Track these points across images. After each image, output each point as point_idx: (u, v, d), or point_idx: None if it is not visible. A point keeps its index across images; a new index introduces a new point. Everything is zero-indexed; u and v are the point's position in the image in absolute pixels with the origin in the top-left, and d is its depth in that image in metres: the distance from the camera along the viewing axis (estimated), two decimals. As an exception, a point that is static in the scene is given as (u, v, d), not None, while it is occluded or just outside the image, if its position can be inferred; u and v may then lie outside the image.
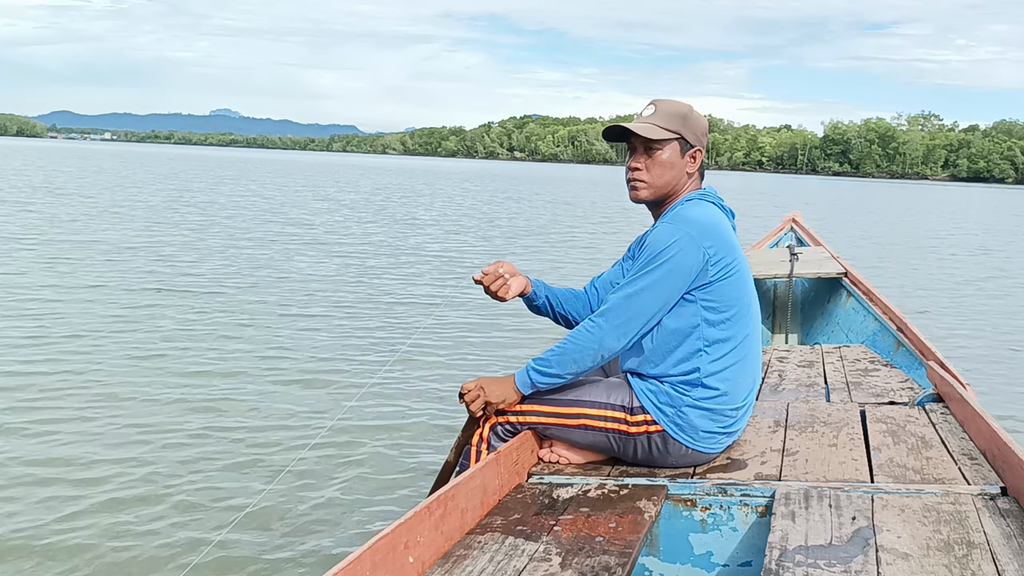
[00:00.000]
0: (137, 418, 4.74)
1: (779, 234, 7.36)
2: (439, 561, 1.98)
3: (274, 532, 3.48)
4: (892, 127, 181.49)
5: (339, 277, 10.36)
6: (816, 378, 3.81)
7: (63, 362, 5.79)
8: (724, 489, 2.40)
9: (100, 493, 3.77)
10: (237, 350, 6.37)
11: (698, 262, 2.48)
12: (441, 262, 12.30)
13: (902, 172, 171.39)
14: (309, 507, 3.73)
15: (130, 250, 11.70)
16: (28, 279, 8.99)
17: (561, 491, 2.45)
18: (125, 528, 3.46)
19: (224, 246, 12.76)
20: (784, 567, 1.86)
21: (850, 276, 5.52)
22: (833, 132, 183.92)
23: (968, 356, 7.21)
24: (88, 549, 3.27)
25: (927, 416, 3.05)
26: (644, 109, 2.69)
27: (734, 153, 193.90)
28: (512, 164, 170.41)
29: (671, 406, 2.54)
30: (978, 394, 3.26)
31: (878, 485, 2.37)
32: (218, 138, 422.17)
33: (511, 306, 3.58)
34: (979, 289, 12.05)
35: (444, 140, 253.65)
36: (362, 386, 5.54)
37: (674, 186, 2.65)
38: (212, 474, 4.05)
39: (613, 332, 2.50)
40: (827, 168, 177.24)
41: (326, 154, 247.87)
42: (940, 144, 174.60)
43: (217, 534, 3.39)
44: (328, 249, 13.17)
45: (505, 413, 2.64)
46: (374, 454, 4.40)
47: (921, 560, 1.89)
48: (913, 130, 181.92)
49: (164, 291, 8.69)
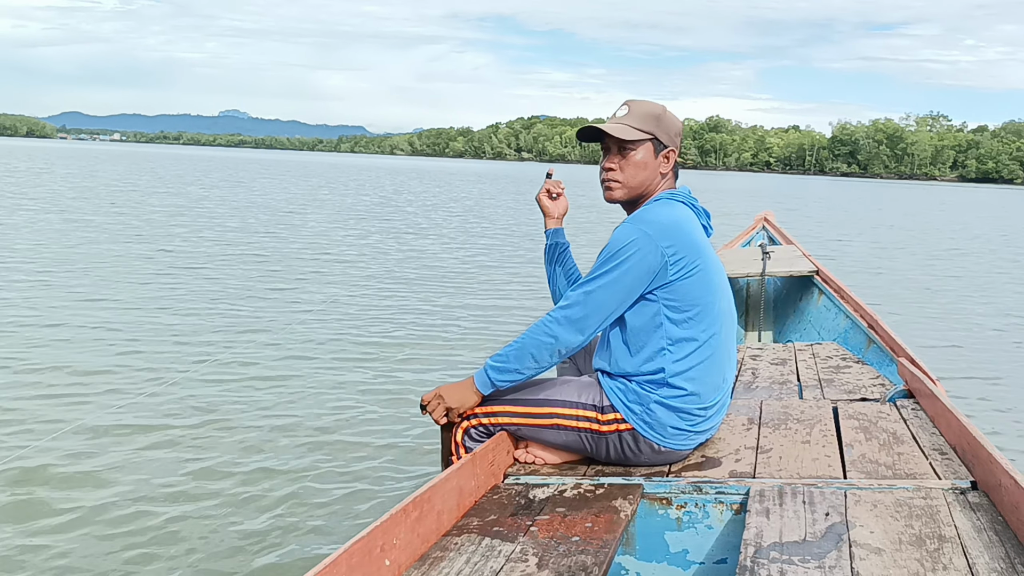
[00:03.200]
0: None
1: (751, 233, 7.42)
2: (416, 563, 1.98)
3: (249, 536, 3.46)
4: (900, 128, 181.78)
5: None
6: (789, 376, 3.84)
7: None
8: (699, 487, 2.42)
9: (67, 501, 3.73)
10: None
11: (656, 262, 2.49)
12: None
13: (910, 173, 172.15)
14: (285, 510, 3.71)
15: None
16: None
17: (537, 491, 2.45)
18: (99, 533, 3.42)
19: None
20: (759, 564, 1.87)
21: (821, 274, 5.58)
22: (841, 133, 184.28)
23: (938, 352, 7.31)
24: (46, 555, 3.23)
25: (898, 412, 3.08)
26: (618, 110, 2.69)
27: (742, 154, 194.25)
28: (520, 165, 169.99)
29: (639, 404, 2.55)
30: (948, 390, 3.30)
31: (851, 481, 2.40)
32: (227, 139, 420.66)
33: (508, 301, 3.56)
34: (947, 286, 12.21)
35: (452, 141, 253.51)
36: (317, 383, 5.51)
37: (648, 186, 2.66)
38: (183, 478, 4.01)
39: (570, 328, 2.52)
40: (835, 169, 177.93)
41: (335, 155, 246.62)
42: (949, 145, 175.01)
43: (191, 542, 3.36)
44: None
45: (477, 415, 2.64)
46: (351, 457, 4.38)
47: (893, 554, 1.91)
48: (921, 131, 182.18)
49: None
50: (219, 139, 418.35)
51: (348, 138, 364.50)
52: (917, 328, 8.50)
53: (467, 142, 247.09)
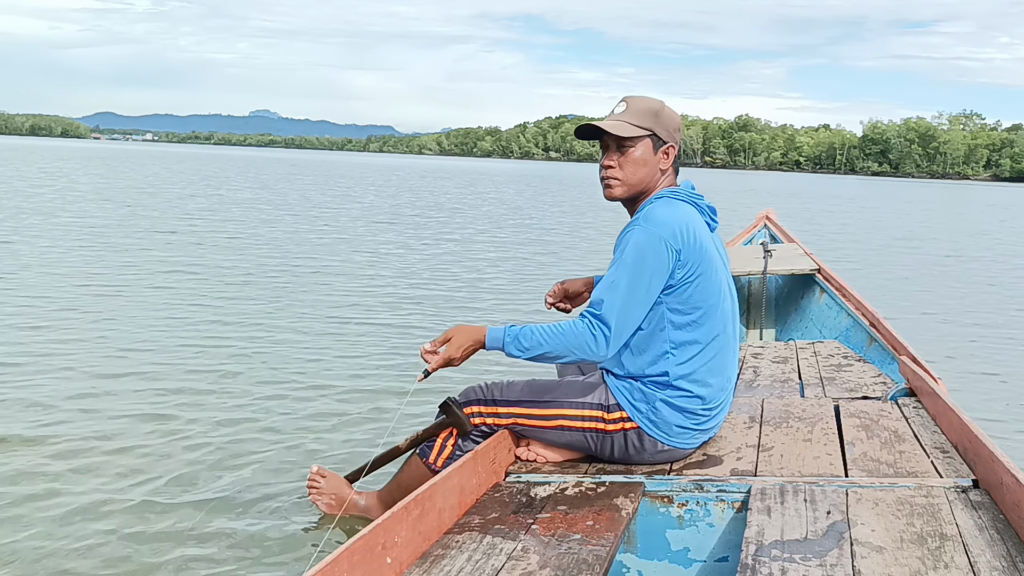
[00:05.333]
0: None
1: (753, 231, 7.42)
2: (417, 561, 1.98)
3: (249, 534, 3.46)
4: (933, 126, 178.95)
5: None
6: (790, 374, 3.84)
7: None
8: (700, 485, 2.42)
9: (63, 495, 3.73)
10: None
11: (668, 263, 2.49)
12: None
13: (943, 172, 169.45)
14: (284, 509, 3.70)
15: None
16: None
17: (538, 489, 2.46)
18: (96, 526, 3.42)
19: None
20: (760, 562, 1.87)
21: (823, 272, 5.57)
22: (872, 132, 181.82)
23: (940, 350, 7.30)
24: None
25: (900, 410, 3.08)
26: (616, 106, 2.68)
27: (771, 153, 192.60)
28: (549, 164, 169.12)
29: (645, 403, 2.55)
30: (950, 388, 3.30)
31: (852, 479, 2.40)
32: (257, 138, 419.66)
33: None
34: (952, 288, 12.20)
35: (480, 140, 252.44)
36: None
37: (648, 183, 2.65)
38: (183, 472, 4.01)
39: (611, 346, 2.46)
40: (866, 168, 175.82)
41: (364, 155, 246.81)
42: (982, 144, 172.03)
43: (191, 540, 3.36)
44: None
45: (481, 415, 2.65)
46: (353, 453, 4.38)
47: (895, 553, 1.91)
48: (954, 129, 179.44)
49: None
50: (249, 139, 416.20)
51: (377, 138, 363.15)
52: (918, 326, 8.49)
53: (495, 142, 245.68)
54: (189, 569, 3.12)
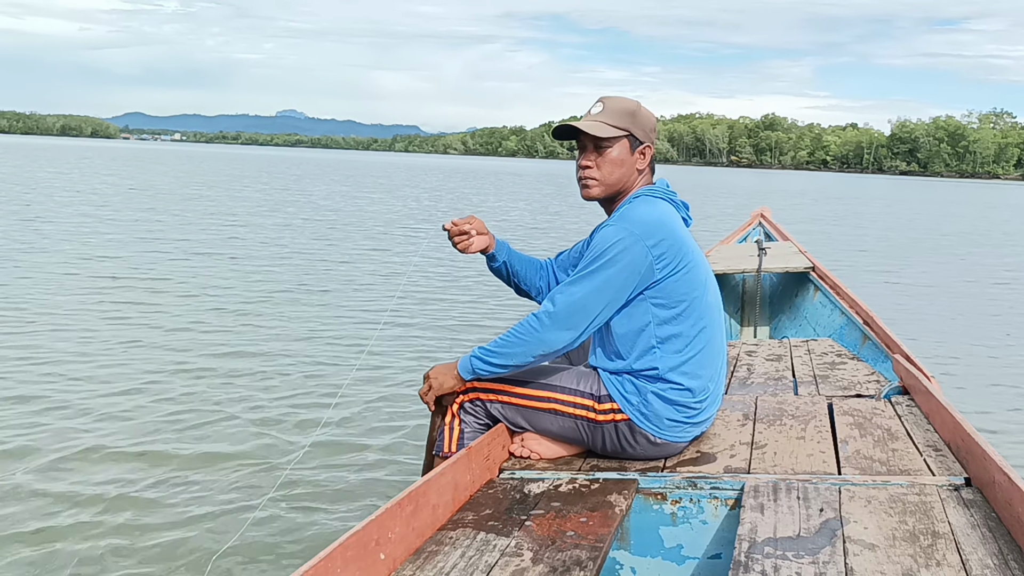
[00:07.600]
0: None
1: (747, 229, 7.43)
2: (410, 557, 1.98)
3: (244, 530, 3.46)
4: (962, 125, 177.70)
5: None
6: (784, 371, 3.85)
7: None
8: (694, 482, 2.42)
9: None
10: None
11: (643, 262, 2.49)
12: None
13: (972, 171, 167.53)
14: (280, 505, 3.71)
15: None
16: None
17: (532, 486, 2.46)
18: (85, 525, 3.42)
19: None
20: (753, 559, 1.88)
21: (817, 270, 5.58)
22: (901, 131, 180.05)
23: (933, 349, 7.32)
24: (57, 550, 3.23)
25: (893, 408, 3.09)
26: (592, 107, 2.70)
27: (798, 152, 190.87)
28: (573, 164, 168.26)
29: (636, 395, 2.57)
30: (943, 387, 3.31)
31: (845, 477, 2.40)
32: (284, 138, 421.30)
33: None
34: (946, 286, 12.23)
35: (504, 140, 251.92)
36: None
37: (625, 183, 2.67)
38: (180, 472, 4.01)
39: (558, 330, 2.49)
40: (894, 167, 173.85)
41: (390, 154, 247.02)
42: (1013, 142, 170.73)
43: (188, 537, 3.36)
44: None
45: (476, 390, 2.65)
46: (346, 450, 4.38)
47: (887, 550, 1.92)
48: (984, 128, 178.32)
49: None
50: (276, 139, 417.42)
51: (402, 137, 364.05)
52: (913, 324, 8.51)
53: (520, 141, 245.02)
54: (178, 557, 3.12)
